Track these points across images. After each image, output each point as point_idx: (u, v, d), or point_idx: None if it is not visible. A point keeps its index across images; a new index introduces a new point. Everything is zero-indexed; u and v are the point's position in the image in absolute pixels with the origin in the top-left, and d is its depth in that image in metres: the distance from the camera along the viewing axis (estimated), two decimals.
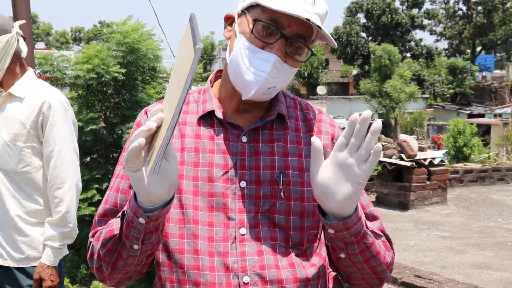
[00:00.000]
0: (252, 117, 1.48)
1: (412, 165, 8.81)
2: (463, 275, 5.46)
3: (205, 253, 1.37)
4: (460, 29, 48.71)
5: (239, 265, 1.36)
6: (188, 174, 1.41)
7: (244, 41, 1.38)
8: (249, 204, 1.40)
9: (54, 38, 63.09)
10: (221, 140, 1.44)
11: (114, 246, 1.34)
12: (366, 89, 32.37)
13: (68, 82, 6.46)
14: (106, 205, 1.48)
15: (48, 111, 2.57)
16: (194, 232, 1.38)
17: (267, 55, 1.35)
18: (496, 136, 21.52)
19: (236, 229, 1.38)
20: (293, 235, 1.42)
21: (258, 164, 1.42)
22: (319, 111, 1.57)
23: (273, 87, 1.38)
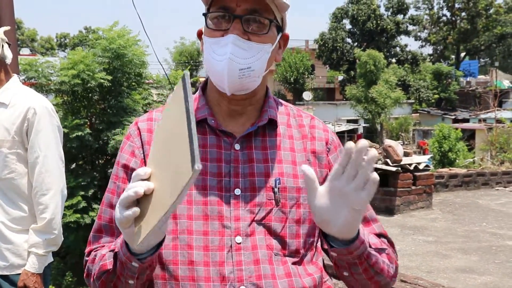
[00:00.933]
0: (245, 121, 1.47)
1: (397, 170, 8.86)
2: (448, 280, 5.50)
3: (200, 263, 1.35)
4: (444, 35, 49.15)
5: (236, 275, 1.34)
6: None
7: (207, 39, 1.40)
8: (245, 212, 1.38)
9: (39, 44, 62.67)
10: (214, 148, 1.42)
11: (109, 279, 1.34)
12: (352, 95, 32.52)
13: (53, 88, 6.44)
14: (100, 221, 1.47)
15: (33, 118, 2.56)
16: (188, 242, 1.36)
17: (225, 38, 1.35)
18: (481, 141, 21.72)
19: (232, 238, 1.36)
20: (289, 242, 1.40)
21: (252, 171, 1.41)
22: (311, 117, 1.56)
23: (248, 68, 1.37)
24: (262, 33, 1.38)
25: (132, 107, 6.54)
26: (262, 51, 1.39)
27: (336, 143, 1.54)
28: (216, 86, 1.42)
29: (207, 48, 1.40)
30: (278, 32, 1.43)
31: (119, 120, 6.34)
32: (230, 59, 1.34)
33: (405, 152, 9.36)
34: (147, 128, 1.47)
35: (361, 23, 43.36)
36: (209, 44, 1.39)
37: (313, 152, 1.49)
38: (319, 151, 1.48)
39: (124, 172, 1.46)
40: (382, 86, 30.93)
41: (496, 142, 17.98)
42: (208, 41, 1.39)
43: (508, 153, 16.38)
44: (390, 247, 1.47)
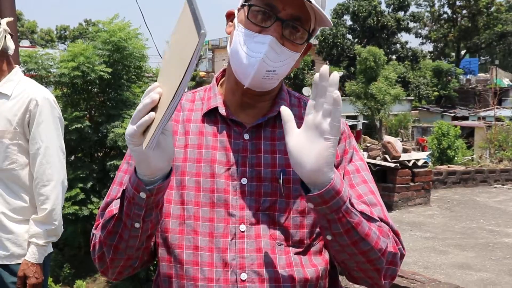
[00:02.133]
0: (256, 113, 1.49)
1: (396, 166, 8.88)
2: (445, 275, 5.52)
3: (205, 249, 1.38)
4: (445, 32, 49.10)
5: (238, 262, 1.37)
6: (190, 170, 1.42)
7: (242, 28, 1.39)
8: (250, 201, 1.40)
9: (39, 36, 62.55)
10: (224, 137, 1.45)
11: (115, 227, 1.35)
12: (352, 91, 32.48)
13: (53, 81, 6.44)
14: (108, 198, 1.50)
15: (35, 109, 2.57)
16: (194, 228, 1.39)
17: (263, 37, 1.36)
18: (480, 139, 21.73)
19: (236, 226, 1.38)
20: (293, 233, 1.41)
21: (259, 161, 1.43)
22: None
23: (273, 71, 1.38)
24: (297, 42, 1.39)
25: (131, 100, 6.55)
26: (291, 58, 1.40)
27: (346, 134, 1.53)
28: (235, 76, 1.43)
29: (238, 37, 1.40)
30: (307, 40, 1.44)
31: (118, 113, 6.34)
32: (263, 59, 1.35)
33: (404, 149, 9.39)
34: None
35: (362, 19, 43.30)
36: (242, 35, 1.39)
37: None
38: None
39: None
40: (382, 82, 30.90)
41: (495, 140, 18.00)
42: (242, 31, 1.39)
43: (507, 151, 16.41)
44: (390, 232, 1.41)
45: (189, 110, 1.51)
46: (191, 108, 1.52)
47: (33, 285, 2.53)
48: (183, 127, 1.48)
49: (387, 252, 1.36)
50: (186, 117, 1.49)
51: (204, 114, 1.48)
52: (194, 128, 1.47)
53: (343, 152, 1.49)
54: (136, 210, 1.28)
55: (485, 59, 58.12)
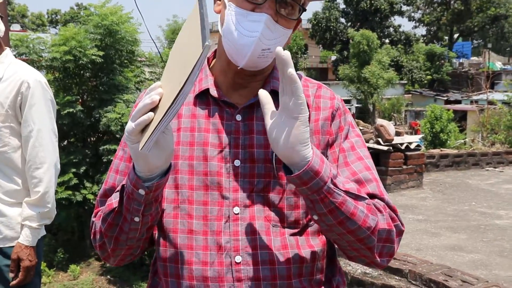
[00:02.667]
0: (248, 93, 1.46)
1: (389, 149, 8.90)
2: (437, 257, 5.57)
3: (199, 232, 1.37)
4: (438, 16, 49.05)
5: (232, 244, 1.36)
6: (184, 154, 1.41)
7: (234, 7, 1.35)
8: (244, 183, 1.39)
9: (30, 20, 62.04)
10: (216, 119, 1.43)
11: (115, 220, 1.36)
12: (345, 75, 32.49)
13: (44, 65, 6.40)
14: (106, 186, 1.50)
15: (27, 91, 2.56)
16: (189, 212, 1.38)
17: (258, 15, 1.32)
18: (472, 122, 21.81)
19: (230, 208, 1.38)
20: (287, 214, 1.40)
21: (252, 142, 1.41)
22: (318, 86, 1.53)
23: (268, 49, 1.35)
24: (291, 18, 1.37)
25: (124, 84, 6.52)
26: (284, 35, 1.37)
27: (341, 111, 1.51)
28: (228, 56, 1.41)
29: (231, 16, 1.36)
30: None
31: (111, 98, 6.32)
32: (259, 39, 1.32)
33: (396, 132, 9.41)
34: None
35: (355, 2, 43.16)
36: (235, 14, 1.35)
37: (316, 121, 1.46)
38: (323, 118, 1.46)
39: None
40: (375, 66, 30.91)
41: (487, 123, 18.06)
42: (234, 10, 1.35)
43: (499, 135, 16.46)
44: (385, 209, 1.38)
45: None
46: None
47: (27, 268, 2.53)
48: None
49: (378, 230, 1.33)
50: None
51: (196, 96, 1.47)
52: (186, 111, 1.45)
53: (337, 128, 1.47)
54: (135, 205, 1.28)
55: (478, 42, 58.12)
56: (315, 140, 1.43)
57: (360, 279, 4.37)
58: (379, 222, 1.33)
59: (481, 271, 5.17)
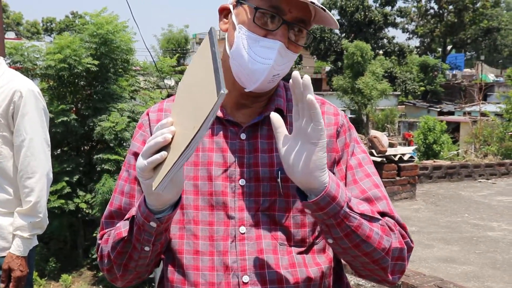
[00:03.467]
0: (252, 112, 1.46)
1: (382, 160, 8.92)
2: (429, 269, 5.57)
3: (205, 253, 1.37)
4: (431, 28, 49.33)
5: (239, 264, 1.35)
6: (188, 174, 1.40)
7: (245, 31, 1.35)
8: (249, 202, 1.38)
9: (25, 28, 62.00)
10: (220, 138, 1.42)
11: (124, 249, 1.36)
12: (339, 85, 32.59)
13: (39, 73, 6.38)
14: (111, 207, 1.50)
15: (20, 101, 2.55)
16: (194, 232, 1.38)
17: (271, 42, 1.32)
18: (465, 134, 21.89)
19: (236, 228, 1.37)
20: (294, 232, 1.39)
21: (256, 161, 1.40)
22: (322, 102, 1.51)
23: (277, 74, 1.36)
24: (300, 44, 1.38)
25: (118, 93, 6.51)
26: (292, 59, 1.39)
27: (346, 127, 1.50)
28: (235, 77, 1.40)
29: (241, 40, 1.35)
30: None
31: (105, 106, 6.30)
32: (272, 66, 1.32)
33: (390, 143, 9.43)
34: (156, 119, 1.49)
35: (349, 14, 43.39)
36: (246, 38, 1.35)
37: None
38: (328, 136, 1.44)
39: (135, 160, 1.47)
40: (368, 77, 31.02)
41: (480, 135, 18.14)
42: (246, 34, 1.35)
43: (492, 146, 16.54)
44: (395, 227, 1.37)
45: None
46: None
47: (18, 278, 2.51)
48: None
49: (392, 250, 1.32)
50: None
51: None
52: None
53: (343, 145, 1.47)
54: (146, 236, 1.29)
55: (470, 54, 58.50)
56: None
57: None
58: (392, 241, 1.33)
59: (474, 283, 5.17)
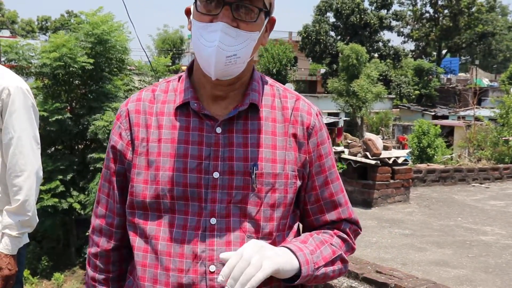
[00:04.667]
0: (228, 104, 1.49)
1: (376, 163, 8.92)
2: (422, 272, 5.58)
3: (178, 240, 1.42)
4: (426, 32, 49.50)
5: (207, 254, 1.41)
6: (164, 165, 1.44)
7: (196, 22, 1.40)
8: (222, 195, 1.43)
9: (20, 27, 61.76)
10: (196, 131, 1.46)
11: None
12: (334, 88, 32.65)
13: (33, 71, 6.38)
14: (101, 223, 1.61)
15: (8, 98, 2.52)
16: (171, 221, 1.43)
17: (215, 25, 1.36)
18: (459, 138, 21.97)
19: (207, 219, 1.42)
20: (263, 225, 1.45)
21: (231, 155, 1.44)
22: (296, 98, 1.57)
23: (234, 55, 1.38)
24: (250, 21, 1.39)
25: (113, 92, 6.51)
26: (250, 39, 1.40)
27: (317, 128, 1.55)
28: (202, 70, 1.44)
29: (195, 32, 1.41)
30: (265, 17, 1.44)
31: (99, 106, 6.31)
32: (218, 46, 1.35)
33: (384, 146, 9.43)
34: (135, 109, 1.52)
35: (345, 16, 43.49)
36: (197, 28, 1.40)
37: (294, 136, 1.51)
38: (300, 136, 1.51)
39: (113, 153, 1.54)
40: (363, 80, 31.09)
41: (474, 139, 18.19)
42: (196, 25, 1.40)
43: (485, 151, 16.59)
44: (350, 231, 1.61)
45: (162, 102, 1.51)
46: (164, 100, 1.52)
47: (6, 277, 2.49)
48: (156, 120, 1.49)
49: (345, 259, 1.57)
50: (159, 109, 1.50)
51: (177, 108, 1.49)
52: (167, 121, 1.48)
53: (315, 146, 1.53)
54: None
55: (465, 59, 58.77)
56: (293, 157, 1.49)
57: None
58: (347, 251, 1.60)
59: (466, 286, 5.18)
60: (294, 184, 1.48)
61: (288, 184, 1.47)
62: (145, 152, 1.46)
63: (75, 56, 6.12)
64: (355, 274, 4.55)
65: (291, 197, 1.48)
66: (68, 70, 6.14)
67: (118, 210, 1.56)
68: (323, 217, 1.57)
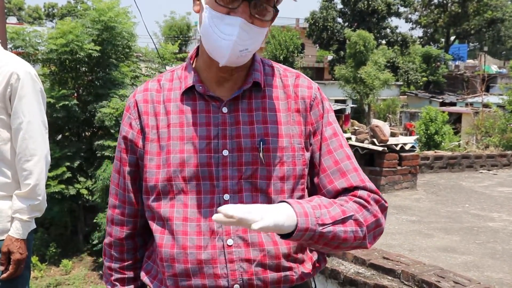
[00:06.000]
0: (232, 85, 1.55)
1: (383, 150, 8.90)
2: (429, 258, 5.58)
3: (193, 219, 1.48)
4: (435, 18, 49.10)
5: (223, 228, 1.47)
6: (175, 148, 1.51)
7: (210, 10, 1.43)
8: (232, 171, 1.49)
9: (27, 13, 61.78)
10: (203, 113, 1.52)
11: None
12: (341, 75, 32.51)
13: (40, 58, 6.38)
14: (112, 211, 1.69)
15: (17, 83, 2.53)
16: (184, 201, 1.49)
17: (233, 19, 1.40)
18: (467, 125, 21.87)
19: (220, 196, 1.48)
20: (274, 198, 1.50)
21: (239, 133, 1.50)
22: (296, 75, 1.64)
23: (246, 49, 1.44)
24: (265, 19, 1.45)
25: (120, 79, 6.51)
26: (260, 34, 1.47)
27: (318, 99, 1.61)
28: (209, 55, 1.49)
29: (208, 19, 1.44)
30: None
31: (106, 93, 6.31)
32: (236, 42, 1.41)
33: (391, 133, 9.41)
34: (143, 98, 1.59)
35: (352, 3, 43.18)
36: (211, 16, 1.43)
37: (297, 111, 1.57)
38: (302, 109, 1.58)
39: (124, 143, 1.61)
40: (371, 67, 30.94)
41: (482, 126, 18.11)
42: (211, 13, 1.43)
43: (493, 138, 16.51)
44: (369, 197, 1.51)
45: (168, 90, 1.58)
46: (170, 88, 1.58)
47: (17, 261, 2.51)
48: (164, 107, 1.55)
49: (366, 230, 1.47)
50: (166, 97, 1.57)
51: (183, 93, 1.55)
52: (174, 107, 1.54)
53: (317, 117, 1.59)
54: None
55: (474, 45, 58.32)
56: (298, 130, 1.54)
57: (352, 278, 4.37)
58: (367, 219, 1.48)
59: (473, 272, 5.18)
60: (302, 156, 1.54)
61: (296, 157, 1.53)
62: (156, 138, 1.53)
63: (81, 43, 6.11)
64: (362, 260, 4.55)
65: (300, 169, 1.54)
66: (74, 57, 6.14)
67: (129, 199, 1.63)
68: (333, 186, 1.54)
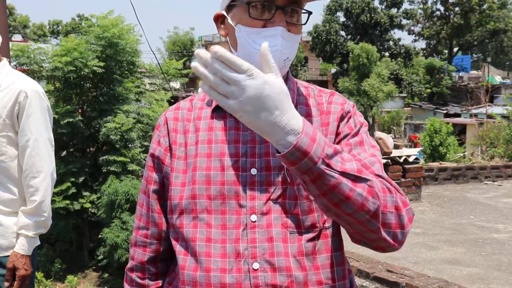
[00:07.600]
0: None
1: (387, 162, 8.91)
2: (434, 271, 5.56)
3: (218, 240, 1.41)
4: (437, 30, 49.24)
5: (250, 251, 1.39)
6: (201, 165, 1.45)
7: (245, 28, 1.41)
8: (260, 191, 1.42)
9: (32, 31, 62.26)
10: (232, 130, 1.48)
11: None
12: (345, 88, 32.55)
13: (45, 75, 6.42)
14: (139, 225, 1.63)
15: (25, 101, 2.57)
16: (207, 221, 1.42)
17: (272, 30, 1.38)
18: (472, 136, 21.81)
19: (247, 216, 1.41)
20: (303, 219, 1.42)
21: (267, 151, 1.45)
22: (331, 93, 1.58)
23: (287, 58, 1.42)
24: (300, 24, 1.43)
25: (124, 95, 6.54)
26: (296, 41, 1.44)
27: (351, 113, 1.52)
28: None
29: (244, 37, 1.41)
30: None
31: (111, 108, 6.33)
32: (281, 51, 1.38)
33: (395, 145, 9.42)
34: (173, 116, 1.56)
35: (355, 16, 43.36)
36: (247, 34, 1.40)
37: (328, 125, 1.48)
38: (333, 120, 1.49)
39: (151, 161, 1.57)
40: (374, 79, 30.98)
41: (487, 137, 18.07)
42: (245, 30, 1.41)
43: (498, 148, 16.46)
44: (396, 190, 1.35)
45: (199, 109, 1.55)
46: (202, 107, 1.55)
47: (23, 277, 2.53)
48: (194, 125, 1.52)
49: (383, 213, 1.29)
50: (197, 115, 1.54)
51: (213, 110, 1.52)
52: (204, 124, 1.51)
53: (346, 127, 1.48)
54: None
55: (477, 56, 58.36)
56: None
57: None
58: (387, 204, 1.30)
59: (479, 285, 5.16)
60: None
61: None
62: (184, 156, 1.49)
63: (86, 60, 6.15)
64: (366, 273, 4.54)
65: None
66: (79, 74, 6.18)
67: (153, 219, 1.58)
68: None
